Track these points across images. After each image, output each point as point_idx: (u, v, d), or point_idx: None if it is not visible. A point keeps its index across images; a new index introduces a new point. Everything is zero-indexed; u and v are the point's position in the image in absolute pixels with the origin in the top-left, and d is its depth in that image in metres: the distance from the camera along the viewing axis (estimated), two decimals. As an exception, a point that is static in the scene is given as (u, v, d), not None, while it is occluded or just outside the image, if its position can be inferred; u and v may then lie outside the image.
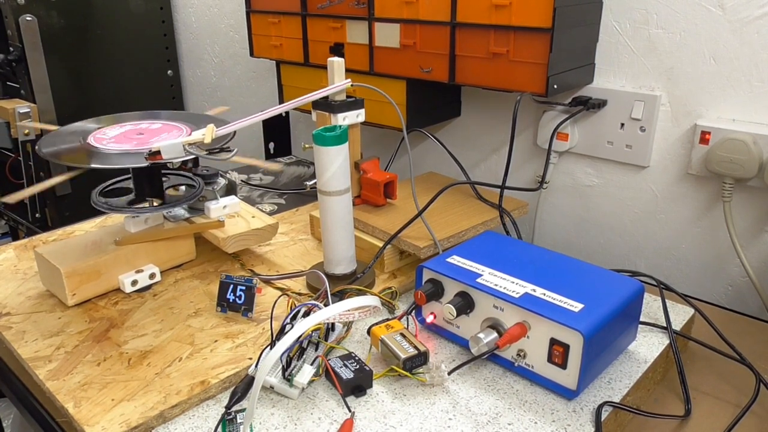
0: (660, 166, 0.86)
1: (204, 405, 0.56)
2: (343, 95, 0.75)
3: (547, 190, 0.99)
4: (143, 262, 0.74)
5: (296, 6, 1.03)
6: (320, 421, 0.54)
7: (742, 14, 0.75)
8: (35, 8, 1.34)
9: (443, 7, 0.85)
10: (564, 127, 0.91)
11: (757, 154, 0.75)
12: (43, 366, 0.60)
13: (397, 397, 0.57)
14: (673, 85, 0.83)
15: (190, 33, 1.58)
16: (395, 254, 0.78)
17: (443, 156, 0.94)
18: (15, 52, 1.34)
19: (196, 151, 0.64)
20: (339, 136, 0.65)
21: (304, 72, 1.09)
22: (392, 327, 0.61)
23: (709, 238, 0.85)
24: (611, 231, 0.94)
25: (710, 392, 0.62)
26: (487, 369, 0.61)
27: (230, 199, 0.79)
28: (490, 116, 1.02)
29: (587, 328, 0.52)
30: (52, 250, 0.71)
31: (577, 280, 0.60)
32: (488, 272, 0.62)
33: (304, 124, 1.37)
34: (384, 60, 0.95)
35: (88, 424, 0.52)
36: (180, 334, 0.65)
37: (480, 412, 0.55)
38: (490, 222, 0.80)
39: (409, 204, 0.81)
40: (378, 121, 0.98)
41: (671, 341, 0.64)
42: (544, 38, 0.77)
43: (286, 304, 0.68)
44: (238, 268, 0.79)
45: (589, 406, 0.55)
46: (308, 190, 1.07)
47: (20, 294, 0.73)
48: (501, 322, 0.58)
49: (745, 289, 0.83)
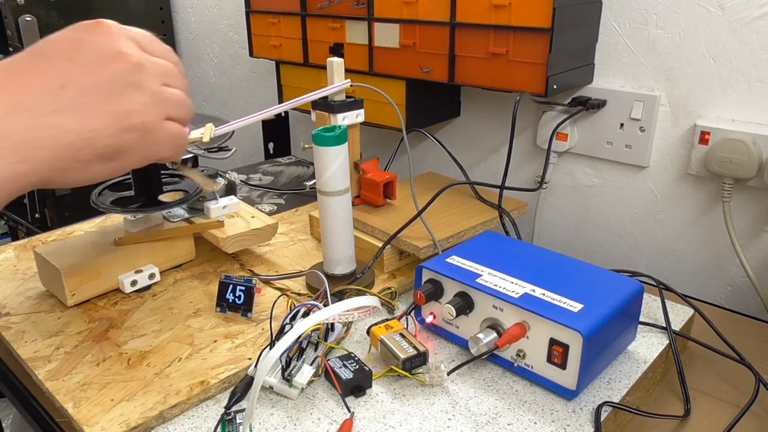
0: (659, 166, 0.86)
1: (203, 405, 0.56)
2: (342, 95, 0.75)
3: (546, 191, 0.99)
4: (143, 263, 0.74)
5: (296, 6, 1.03)
6: (320, 422, 0.54)
7: (742, 14, 0.75)
8: (35, 8, 1.34)
9: (443, 8, 0.85)
10: (563, 128, 0.91)
11: (756, 154, 0.75)
12: (43, 366, 0.60)
13: (396, 398, 0.57)
14: (672, 86, 0.83)
15: (190, 33, 1.58)
16: (395, 254, 0.78)
17: (443, 156, 0.94)
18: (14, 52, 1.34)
19: (195, 150, 0.64)
20: (338, 137, 0.65)
21: (303, 72, 1.09)
22: (392, 327, 0.61)
23: (709, 238, 0.85)
24: (611, 231, 0.94)
25: (710, 392, 0.62)
26: (486, 369, 0.61)
27: (230, 200, 0.79)
28: (489, 116, 1.02)
29: (587, 328, 0.52)
30: (52, 250, 0.71)
31: (577, 280, 0.60)
32: (488, 272, 0.62)
33: (303, 125, 1.37)
34: (383, 60, 0.95)
35: (87, 424, 0.52)
36: (179, 335, 0.65)
37: (479, 413, 0.55)
38: (489, 222, 0.80)
39: (409, 204, 0.81)
40: (377, 121, 0.98)
41: (671, 341, 0.64)
42: (544, 38, 0.77)
43: (286, 305, 0.68)
44: (237, 269, 0.79)
45: (589, 407, 0.55)
46: (308, 191, 1.07)
47: (20, 294, 0.73)
48: (500, 323, 0.58)
49: (745, 289, 0.83)
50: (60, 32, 0.41)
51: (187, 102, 0.46)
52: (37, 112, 0.38)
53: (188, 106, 0.46)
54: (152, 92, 0.43)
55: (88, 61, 0.40)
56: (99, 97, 0.40)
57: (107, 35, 0.42)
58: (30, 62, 0.39)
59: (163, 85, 0.44)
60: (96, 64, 0.40)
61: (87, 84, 0.40)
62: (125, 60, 0.41)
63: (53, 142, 0.38)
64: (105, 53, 0.41)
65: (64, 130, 0.39)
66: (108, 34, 0.42)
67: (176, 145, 0.46)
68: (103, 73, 0.40)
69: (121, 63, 0.41)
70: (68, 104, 0.39)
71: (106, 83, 0.40)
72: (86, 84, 0.40)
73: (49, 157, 0.38)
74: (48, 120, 0.38)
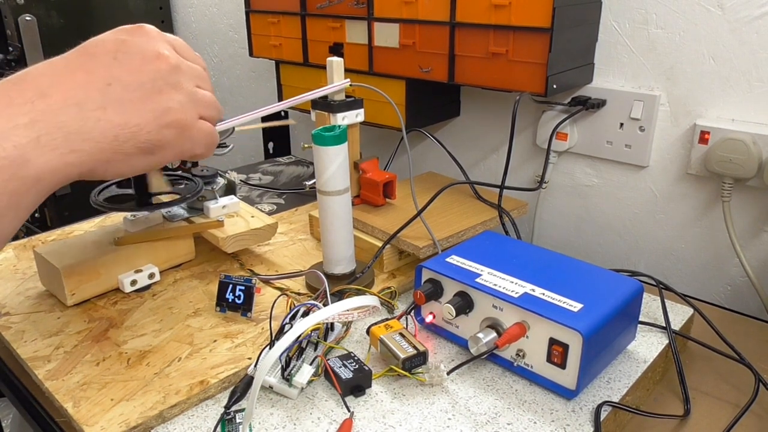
0: (659, 165, 0.86)
1: (203, 405, 0.56)
2: (342, 95, 0.75)
3: (546, 190, 0.99)
4: (142, 262, 0.74)
5: (295, 6, 1.03)
6: (319, 421, 0.54)
7: (742, 14, 0.75)
8: (35, 8, 1.34)
9: (442, 7, 0.85)
10: (563, 127, 0.91)
11: (756, 153, 0.75)
12: (42, 366, 0.60)
13: (396, 397, 0.57)
14: (672, 85, 0.83)
15: (190, 33, 1.58)
16: (394, 254, 0.78)
17: (442, 156, 0.94)
18: (14, 52, 1.34)
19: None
20: (338, 136, 0.65)
21: (303, 72, 1.09)
22: (391, 327, 0.61)
23: (709, 237, 0.85)
24: (610, 231, 0.94)
25: (709, 392, 0.62)
26: (486, 369, 0.61)
27: (229, 199, 0.79)
28: (489, 116, 1.02)
29: (586, 328, 0.52)
30: (51, 249, 0.71)
31: (577, 279, 0.60)
32: (487, 272, 0.61)
33: (303, 124, 1.37)
34: (383, 60, 0.95)
35: (87, 424, 0.52)
36: (179, 334, 0.65)
37: (479, 412, 0.55)
38: (489, 222, 0.80)
39: (409, 204, 0.81)
40: (377, 120, 0.97)
41: (670, 341, 0.64)
42: (544, 38, 0.77)
43: (286, 304, 0.68)
44: (237, 268, 0.79)
45: (588, 406, 0.55)
46: (307, 190, 1.07)
47: (19, 294, 0.73)
48: (500, 322, 0.58)
49: (745, 288, 0.83)
50: (106, 34, 0.44)
51: (217, 103, 0.49)
52: (86, 106, 0.40)
53: (218, 107, 0.49)
54: (188, 92, 0.46)
55: (131, 62, 0.43)
56: (141, 95, 0.43)
57: (148, 38, 0.45)
58: (79, 61, 0.42)
59: (196, 86, 0.47)
60: (138, 64, 0.43)
61: (130, 82, 0.43)
62: (165, 61, 0.45)
63: (100, 135, 0.41)
64: (146, 54, 0.44)
65: (110, 124, 0.41)
66: (149, 36, 0.45)
67: (208, 142, 0.49)
68: (145, 72, 0.43)
69: (161, 64, 0.44)
70: (114, 100, 0.42)
71: (148, 82, 0.43)
72: (130, 82, 0.43)
73: (95, 149, 0.41)
74: (96, 114, 0.41)
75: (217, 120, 0.50)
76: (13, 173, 0.37)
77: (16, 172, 0.37)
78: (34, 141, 0.38)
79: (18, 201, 0.38)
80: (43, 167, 0.38)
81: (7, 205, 0.37)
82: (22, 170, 0.37)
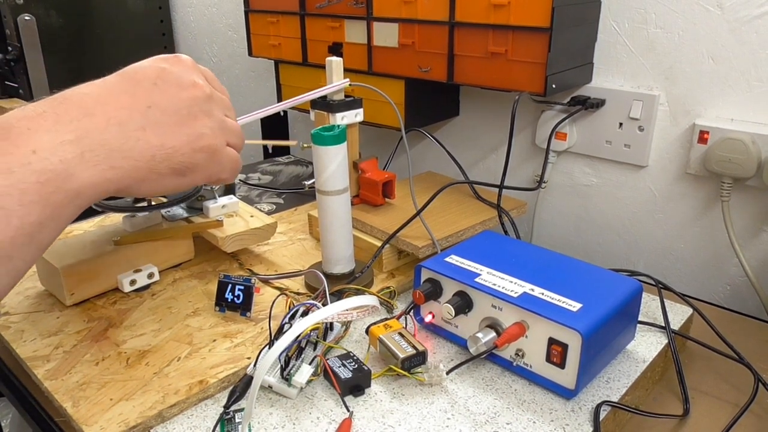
0: (658, 165, 0.86)
1: (202, 404, 0.56)
2: (341, 95, 0.75)
3: (545, 190, 0.99)
4: (142, 262, 0.74)
5: (295, 5, 1.03)
6: (319, 421, 0.54)
7: (741, 14, 0.75)
8: (34, 8, 1.34)
9: (442, 7, 0.85)
10: (562, 127, 0.91)
11: (755, 153, 0.75)
12: (42, 365, 0.60)
13: (395, 397, 0.57)
14: (671, 85, 0.83)
15: (189, 32, 1.58)
16: (394, 254, 0.78)
17: (442, 155, 0.94)
18: (14, 51, 1.34)
19: None
20: (337, 136, 0.65)
21: (302, 71, 1.09)
22: (391, 326, 0.61)
23: (708, 237, 0.85)
24: (610, 230, 0.94)
25: (709, 392, 0.62)
26: (485, 368, 0.61)
27: (229, 199, 0.79)
28: (488, 116, 1.02)
29: (586, 327, 0.52)
30: (51, 249, 0.71)
31: (576, 279, 0.60)
32: (487, 272, 0.62)
33: (302, 124, 1.37)
34: (382, 59, 0.95)
35: (86, 423, 0.52)
36: (178, 334, 0.65)
37: (478, 412, 0.55)
38: (488, 221, 0.80)
39: (408, 203, 0.81)
40: (376, 120, 0.98)
41: (670, 341, 0.64)
42: (543, 38, 0.77)
43: (285, 304, 0.68)
44: (236, 268, 0.79)
45: (588, 406, 0.55)
46: (307, 190, 1.07)
47: (19, 293, 0.73)
48: (499, 322, 0.58)
49: (744, 288, 0.83)
50: (146, 61, 0.48)
51: (242, 133, 0.53)
52: (127, 126, 0.43)
53: (242, 136, 0.53)
54: (218, 120, 0.49)
55: (169, 89, 0.46)
56: (177, 120, 0.46)
57: (185, 67, 0.48)
58: (122, 85, 0.45)
59: (225, 115, 0.50)
60: (176, 91, 0.46)
61: (168, 107, 0.45)
62: (200, 90, 0.48)
63: (138, 154, 0.43)
64: (183, 83, 0.47)
65: (149, 144, 0.44)
66: (185, 66, 0.48)
67: (233, 168, 0.51)
68: (182, 99, 0.46)
69: (196, 92, 0.47)
70: (153, 123, 0.44)
71: (184, 108, 0.46)
72: (167, 107, 0.45)
73: (132, 167, 0.43)
74: (136, 134, 0.43)
75: (241, 148, 0.53)
76: (58, 186, 0.39)
77: (60, 185, 0.39)
78: (79, 156, 0.40)
79: (60, 213, 0.39)
80: (84, 182, 0.40)
81: (50, 216, 0.39)
82: (66, 184, 0.39)
